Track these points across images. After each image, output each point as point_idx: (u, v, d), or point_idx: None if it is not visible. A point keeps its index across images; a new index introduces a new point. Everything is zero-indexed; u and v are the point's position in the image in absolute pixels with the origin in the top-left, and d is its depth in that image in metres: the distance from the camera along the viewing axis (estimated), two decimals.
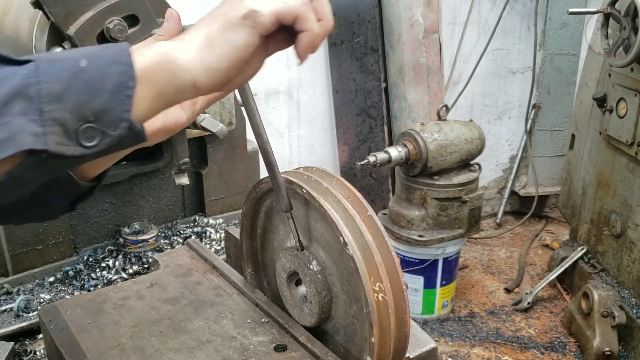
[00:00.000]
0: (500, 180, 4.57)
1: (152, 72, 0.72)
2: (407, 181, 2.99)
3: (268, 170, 1.04)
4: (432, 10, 3.37)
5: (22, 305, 1.77)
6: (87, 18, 1.53)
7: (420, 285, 3.14)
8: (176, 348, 1.13)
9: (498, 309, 3.37)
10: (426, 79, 3.45)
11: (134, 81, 0.69)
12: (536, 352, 3.00)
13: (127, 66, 0.69)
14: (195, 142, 2.19)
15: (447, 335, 3.14)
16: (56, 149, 0.65)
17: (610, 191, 2.96)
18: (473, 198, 2.97)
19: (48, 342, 1.24)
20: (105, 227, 2.10)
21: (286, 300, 1.20)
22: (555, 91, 4.17)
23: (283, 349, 1.12)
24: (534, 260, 3.91)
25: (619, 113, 2.78)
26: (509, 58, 4.23)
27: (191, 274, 1.40)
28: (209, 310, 1.25)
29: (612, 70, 2.83)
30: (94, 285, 1.89)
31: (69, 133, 0.66)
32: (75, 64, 0.67)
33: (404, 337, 1.03)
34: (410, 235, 2.97)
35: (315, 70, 3.63)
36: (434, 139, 2.85)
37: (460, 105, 4.08)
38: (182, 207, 2.28)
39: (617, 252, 2.94)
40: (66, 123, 0.65)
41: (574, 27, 4.03)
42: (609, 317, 2.73)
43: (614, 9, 2.67)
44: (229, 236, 1.51)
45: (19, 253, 1.90)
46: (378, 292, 0.97)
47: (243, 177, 2.35)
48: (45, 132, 0.64)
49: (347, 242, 0.97)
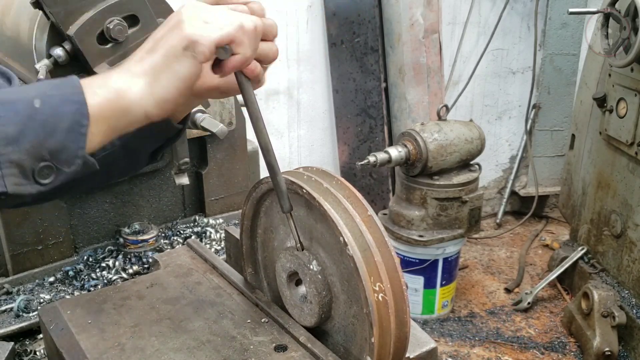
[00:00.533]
0: (500, 180, 4.57)
1: (105, 110, 0.74)
2: (407, 181, 2.99)
3: (269, 170, 1.04)
4: (432, 10, 3.37)
5: (22, 305, 1.77)
6: (87, 18, 1.53)
7: (420, 285, 3.14)
8: (176, 348, 1.13)
9: (498, 309, 3.37)
10: (426, 79, 3.45)
11: (88, 119, 0.71)
12: (536, 352, 3.00)
13: (80, 105, 0.71)
14: (195, 142, 2.18)
15: (447, 335, 3.14)
16: (14, 189, 0.66)
17: (610, 191, 2.96)
18: (473, 198, 2.97)
19: (48, 342, 1.24)
20: (105, 227, 2.10)
21: (286, 300, 1.20)
22: (555, 91, 4.17)
23: (283, 349, 1.12)
24: (534, 260, 3.91)
25: (619, 113, 2.78)
26: (509, 58, 4.23)
27: (191, 274, 1.40)
28: (209, 310, 1.25)
29: (612, 70, 2.83)
30: (94, 285, 1.89)
31: (26, 173, 0.67)
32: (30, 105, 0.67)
33: (404, 337, 1.03)
34: (410, 235, 2.97)
35: (315, 70, 3.63)
36: (434, 139, 2.85)
37: (460, 105, 4.08)
38: (182, 207, 2.28)
39: (617, 252, 2.94)
40: (23, 164, 0.66)
41: (574, 27, 4.03)
42: (609, 317, 2.73)
43: (614, 9, 2.67)
44: (229, 236, 1.51)
45: (19, 253, 1.90)
46: (378, 292, 0.97)
47: (243, 177, 2.35)
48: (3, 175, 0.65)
49: (347, 242, 0.97)
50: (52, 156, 0.68)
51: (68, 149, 0.69)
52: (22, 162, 0.66)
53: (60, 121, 0.68)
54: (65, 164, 0.69)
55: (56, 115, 0.68)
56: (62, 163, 0.69)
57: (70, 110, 0.70)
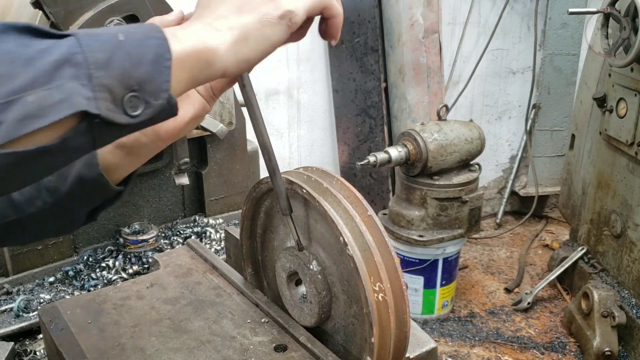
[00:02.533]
0: (500, 180, 4.57)
1: (189, 58, 0.74)
2: (407, 181, 2.99)
3: (269, 173, 1.04)
4: (432, 10, 3.37)
5: (22, 305, 1.77)
6: (87, 18, 1.53)
7: (420, 285, 3.14)
8: (176, 348, 1.13)
9: (498, 309, 3.37)
10: (426, 79, 3.45)
11: (170, 54, 0.71)
12: (536, 352, 3.00)
13: (162, 40, 0.71)
14: (195, 142, 2.19)
15: (447, 335, 3.14)
16: (107, 114, 0.66)
17: (610, 191, 2.96)
18: (473, 198, 2.97)
19: (48, 342, 1.24)
20: (105, 227, 2.10)
21: (286, 300, 1.20)
22: (555, 91, 4.17)
23: (283, 349, 1.12)
24: (534, 260, 3.91)
25: (619, 113, 2.78)
26: (509, 58, 4.23)
27: (191, 274, 1.40)
28: (209, 310, 1.25)
29: (612, 70, 2.83)
30: (94, 285, 1.89)
31: (116, 101, 0.67)
32: (114, 37, 0.68)
33: (404, 337, 1.03)
34: (410, 235, 2.97)
35: (315, 70, 3.63)
36: (434, 139, 2.85)
37: (460, 105, 4.08)
38: (182, 207, 2.28)
39: (617, 252, 2.94)
40: (114, 90, 0.66)
41: (574, 27, 4.03)
42: (609, 317, 2.73)
43: (614, 9, 2.67)
44: (229, 236, 1.51)
45: (19, 253, 1.90)
46: (378, 292, 0.97)
47: (243, 177, 2.35)
48: (96, 97, 0.65)
49: (347, 242, 0.97)
50: (140, 86, 0.68)
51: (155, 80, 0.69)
52: (112, 88, 0.66)
53: (145, 53, 0.69)
54: (152, 96, 0.69)
55: (140, 47, 0.69)
56: (150, 94, 0.69)
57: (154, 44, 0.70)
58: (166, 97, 0.70)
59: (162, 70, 0.70)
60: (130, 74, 0.67)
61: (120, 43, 0.68)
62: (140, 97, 0.68)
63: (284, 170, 1.09)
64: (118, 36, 0.68)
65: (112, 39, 0.68)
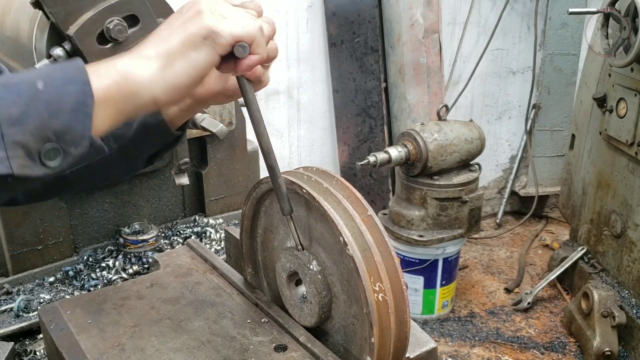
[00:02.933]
0: (500, 180, 4.57)
1: (111, 93, 0.73)
2: (407, 181, 2.99)
3: (270, 173, 1.04)
4: (432, 10, 3.37)
5: (22, 305, 1.77)
6: (87, 18, 1.53)
7: (420, 285, 3.14)
8: (176, 348, 1.13)
9: (498, 309, 3.37)
10: (426, 79, 3.45)
11: (92, 99, 0.70)
12: (536, 352, 3.00)
13: (84, 85, 0.70)
14: (195, 142, 2.18)
15: (447, 335, 3.14)
16: (21, 171, 0.65)
17: (610, 191, 2.96)
18: (473, 198, 2.97)
19: (48, 342, 1.24)
20: (105, 227, 2.10)
21: (286, 300, 1.20)
22: (555, 91, 4.17)
23: (283, 349, 1.12)
24: (534, 260, 3.91)
25: (619, 113, 2.78)
26: (509, 58, 4.23)
27: (191, 274, 1.40)
28: (209, 310, 1.25)
29: (612, 70, 2.83)
30: (94, 285, 1.89)
31: (31, 154, 0.66)
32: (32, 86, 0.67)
33: (404, 337, 1.03)
34: (410, 235, 2.98)
35: (315, 70, 3.63)
36: (434, 139, 2.85)
37: (460, 105, 4.08)
38: (182, 207, 2.28)
39: (617, 252, 2.94)
40: (28, 145, 0.65)
41: (574, 27, 4.03)
42: (609, 317, 2.73)
43: (614, 9, 2.67)
44: (229, 236, 1.51)
45: (19, 253, 1.90)
46: (378, 292, 0.97)
47: (243, 177, 2.35)
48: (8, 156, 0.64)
49: (347, 242, 0.97)
50: (57, 137, 0.67)
51: (74, 129, 0.68)
52: (27, 144, 0.65)
53: (64, 101, 0.68)
54: (72, 146, 0.68)
55: (60, 95, 0.68)
56: (69, 144, 0.68)
57: (74, 90, 0.69)
58: (87, 144, 0.70)
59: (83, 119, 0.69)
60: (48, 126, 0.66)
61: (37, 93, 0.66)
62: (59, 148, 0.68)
63: (284, 170, 1.08)
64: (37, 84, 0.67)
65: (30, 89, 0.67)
